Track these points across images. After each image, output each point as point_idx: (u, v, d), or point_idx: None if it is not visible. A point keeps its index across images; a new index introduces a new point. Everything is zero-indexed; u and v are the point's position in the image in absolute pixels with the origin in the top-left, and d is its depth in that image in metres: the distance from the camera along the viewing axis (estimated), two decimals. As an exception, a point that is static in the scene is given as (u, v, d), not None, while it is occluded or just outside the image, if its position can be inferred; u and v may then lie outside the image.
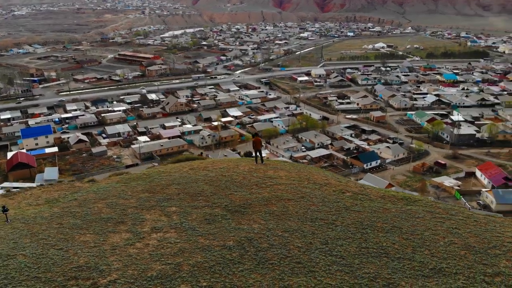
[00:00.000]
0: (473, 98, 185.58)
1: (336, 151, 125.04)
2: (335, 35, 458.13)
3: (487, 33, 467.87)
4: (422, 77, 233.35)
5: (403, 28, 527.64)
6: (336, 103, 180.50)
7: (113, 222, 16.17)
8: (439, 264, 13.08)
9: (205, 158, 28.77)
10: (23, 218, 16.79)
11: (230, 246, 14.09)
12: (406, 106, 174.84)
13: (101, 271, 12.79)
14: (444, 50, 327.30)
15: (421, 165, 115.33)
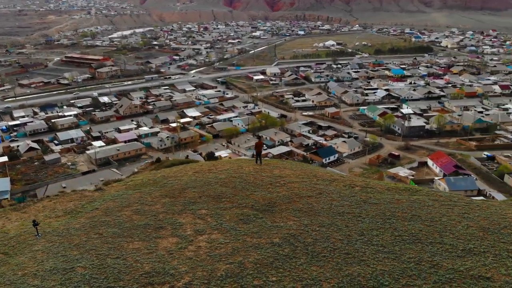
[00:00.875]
0: (420, 91, 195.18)
1: (296, 147, 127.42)
2: (287, 33, 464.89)
3: (430, 29, 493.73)
4: (372, 73, 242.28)
5: (351, 26, 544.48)
6: (293, 101, 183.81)
7: (152, 228, 16.18)
8: (467, 246, 14.37)
9: (193, 161, 28.66)
10: (54, 231, 16.42)
11: (278, 243, 14.67)
12: (358, 101, 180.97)
13: (172, 275, 13.03)
14: (391, 46, 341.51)
15: (376, 157, 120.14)
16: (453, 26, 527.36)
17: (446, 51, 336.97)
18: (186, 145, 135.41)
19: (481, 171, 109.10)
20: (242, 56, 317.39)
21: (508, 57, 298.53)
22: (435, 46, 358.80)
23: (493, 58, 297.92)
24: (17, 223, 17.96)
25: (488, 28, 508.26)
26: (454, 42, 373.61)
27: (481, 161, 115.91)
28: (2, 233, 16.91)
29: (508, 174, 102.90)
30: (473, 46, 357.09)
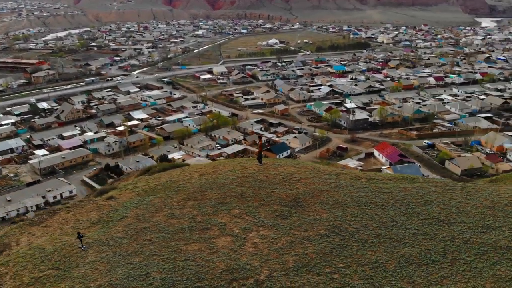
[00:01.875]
0: (362, 86, 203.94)
1: (249, 145, 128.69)
2: (230, 32, 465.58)
3: (366, 25, 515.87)
4: (315, 70, 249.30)
5: (292, 24, 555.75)
6: (242, 99, 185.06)
7: (199, 229, 16.37)
8: (484, 223, 16.03)
9: (183, 164, 28.44)
10: (98, 242, 16.18)
11: (326, 234, 15.56)
12: (305, 98, 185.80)
13: (250, 270, 13.64)
14: (331, 43, 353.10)
15: (326, 150, 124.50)
16: (387, 22, 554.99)
17: (382, 47, 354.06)
18: (136, 149, 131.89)
19: (423, 158, 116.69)
20: (186, 55, 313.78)
21: (440, 50, 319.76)
22: (372, 42, 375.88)
23: (426, 51, 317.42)
24: (45, 237, 17.41)
25: (419, 23, 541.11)
26: (389, 38, 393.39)
27: (423, 149, 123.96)
28: (38, 249, 16.35)
29: (448, 160, 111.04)
30: (407, 41, 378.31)
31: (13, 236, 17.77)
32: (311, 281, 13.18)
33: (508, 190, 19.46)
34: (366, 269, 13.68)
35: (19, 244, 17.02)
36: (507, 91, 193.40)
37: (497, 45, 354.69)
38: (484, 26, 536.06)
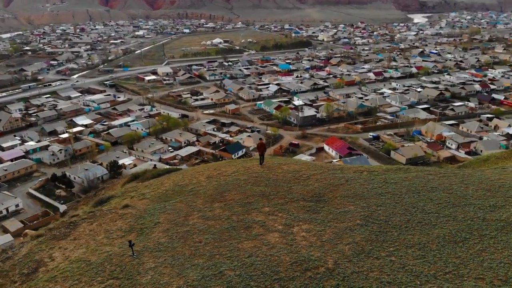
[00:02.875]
0: (307, 83, 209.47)
1: (203, 146, 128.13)
2: (172, 32, 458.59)
3: (306, 24, 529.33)
4: (261, 69, 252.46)
5: (234, 24, 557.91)
6: (192, 100, 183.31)
7: (242, 228, 16.76)
8: (490, 203, 17.80)
9: (176, 169, 28.11)
10: (146, 249, 16.11)
11: (363, 224, 16.68)
12: (254, 97, 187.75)
13: (316, 260, 14.47)
14: (275, 42, 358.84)
15: (279, 147, 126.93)
16: (326, 20, 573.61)
17: (323, 44, 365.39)
18: (83, 157, 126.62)
19: (370, 150, 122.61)
20: (128, 57, 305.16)
21: (377, 47, 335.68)
22: (313, 40, 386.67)
23: (365, 48, 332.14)
24: (82, 250, 16.83)
25: (356, 20, 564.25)
26: (329, 36, 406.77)
27: (368, 141, 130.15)
28: (83, 261, 15.85)
29: (393, 150, 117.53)
30: (346, 38, 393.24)
31: (41, 252, 17.18)
32: (375, 264, 14.23)
33: (494, 174, 21.46)
34: (415, 250, 14.97)
35: (54, 260, 16.48)
36: (441, 83, 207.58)
37: (429, 40, 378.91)
38: (416, 22, 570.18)
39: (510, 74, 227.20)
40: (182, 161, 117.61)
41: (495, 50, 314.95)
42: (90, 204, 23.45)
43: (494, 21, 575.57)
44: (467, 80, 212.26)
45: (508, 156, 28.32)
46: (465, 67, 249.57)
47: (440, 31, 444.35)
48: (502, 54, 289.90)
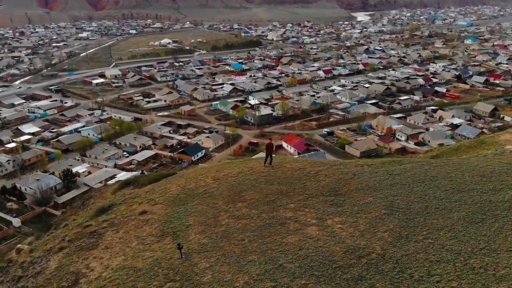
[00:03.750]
0: (261, 82, 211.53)
1: (160, 150, 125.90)
2: (117, 33, 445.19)
3: (255, 23, 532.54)
4: (214, 69, 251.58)
5: (182, 23, 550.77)
6: (144, 102, 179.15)
7: (278, 224, 17.24)
8: (490, 187, 19.45)
9: (171, 174, 27.60)
10: (193, 250, 16.31)
11: (389, 212, 17.80)
12: (209, 97, 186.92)
13: (364, 247, 15.46)
14: (225, 42, 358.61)
15: (239, 147, 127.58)
16: (274, 19, 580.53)
17: (273, 44, 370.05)
18: (33, 166, 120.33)
19: (326, 145, 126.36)
20: (73, 60, 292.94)
21: (325, 45, 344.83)
22: (263, 40, 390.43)
23: (313, 47, 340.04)
24: (121, 257, 16.46)
25: (303, 19, 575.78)
26: (278, 35, 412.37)
27: (324, 137, 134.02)
28: (129, 269, 15.67)
29: (348, 144, 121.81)
30: (294, 37, 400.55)
31: (75, 263, 16.58)
32: (418, 247, 15.44)
33: (479, 161, 23.26)
34: (445, 232, 16.28)
35: (93, 270, 16.12)
36: (387, 78, 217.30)
37: (373, 37, 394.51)
38: (360, 20, 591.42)
39: (450, 67, 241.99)
40: (139, 166, 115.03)
41: (435, 45, 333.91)
42: (89, 214, 22.70)
43: (433, 17, 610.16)
44: (411, 75, 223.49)
45: (476, 145, 30.64)
46: (408, 62, 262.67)
47: (383, 29, 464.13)
48: (441, 49, 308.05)
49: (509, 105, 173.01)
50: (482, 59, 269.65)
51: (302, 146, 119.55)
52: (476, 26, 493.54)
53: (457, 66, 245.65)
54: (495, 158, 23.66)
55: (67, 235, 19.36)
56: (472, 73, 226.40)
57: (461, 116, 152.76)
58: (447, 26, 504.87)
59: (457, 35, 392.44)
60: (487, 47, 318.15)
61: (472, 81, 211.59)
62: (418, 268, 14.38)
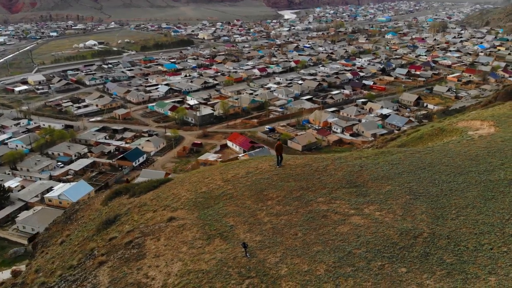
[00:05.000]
0: (197, 82, 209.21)
1: (98, 157, 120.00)
2: (37, 36, 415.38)
3: (183, 22, 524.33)
4: (146, 69, 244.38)
5: (107, 24, 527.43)
6: (74, 108, 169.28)
7: (320, 217, 18.20)
8: (483, 168, 21.32)
9: (167, 179, 26.45)
10: (254, 248, 16.50)
11: (414, 197, 19.13)
12: (144, 99, 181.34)
13: (413, 229, 16.66)
14: (154, 42, 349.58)
15: (183, 149, 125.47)
16: (203, 18, 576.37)
17: (205, 43, 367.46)
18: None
19: (269, 142, 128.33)
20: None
21: (256, 43, 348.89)
22: (194, 39, 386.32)
23: (245, 45, 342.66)
24: (180, 263, 16.43)
25: (231, 18, 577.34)
26: (209, 34, 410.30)
27: (266, 134, 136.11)
28: (198, 271, 15.80)
29: (290, 139, 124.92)
30: (226, 36, 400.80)
31: (130, 275, 16.18)
32: (456, 223, 16.94)
33: (458, 147, 25.26)
34: (471, 209, 18.00)
35: (154, 279, 15.85)
36: (318, 75, 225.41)
37: (301, 35, 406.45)
38: (287, 18, 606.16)
39: (374, 61, 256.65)
40: (76, 175, 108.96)
41: (359, 41, 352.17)
42: (92, 227, 21.36)
43: (354, 14, 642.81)
44: (340, 70, 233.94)
45: (437, 133, 32.92)
46: (336, 58, 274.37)
47: (310, 26, 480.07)
48: (365, 44, 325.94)
49: (431, 94, 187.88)
50: (403, 52, 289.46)
51: (247, 144, 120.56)
52: (395, 21, 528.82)
53: (381, 60, 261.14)
54: (469, 143, 25.87)
55: (96, 250, 18.52)
56: (395, 66, 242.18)
57: (389, 107, 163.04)
58: (368, 22, 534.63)
59: (378, 31, 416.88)
60: (406, 41, 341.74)
61: (396, 73, 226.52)
62: (468, 240, 15.92)
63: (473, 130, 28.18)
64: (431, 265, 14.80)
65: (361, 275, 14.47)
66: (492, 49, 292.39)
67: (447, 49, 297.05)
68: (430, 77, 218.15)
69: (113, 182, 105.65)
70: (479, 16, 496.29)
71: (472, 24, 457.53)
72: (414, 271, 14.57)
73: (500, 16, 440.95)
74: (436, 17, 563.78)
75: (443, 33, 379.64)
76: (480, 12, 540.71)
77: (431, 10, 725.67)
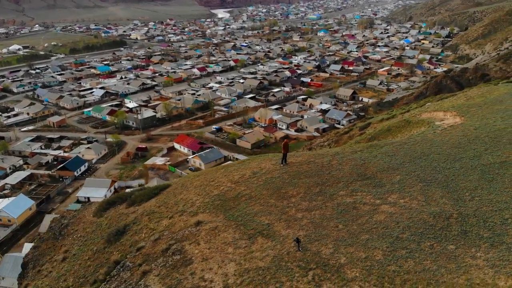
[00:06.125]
0: (135, 84, 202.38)
1: (35, 168, 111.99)
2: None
3: (114, 23, 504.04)
4: (78, 73, 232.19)
5: (31, 27, 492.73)
6: (3, 118, 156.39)
7: (351, 208, 19.10)
8: (470, 154, 22.96)
9: (165, 185, 24.88)
10: (304, 242, 16.71)
11: (426, 184, 20.80)
12: (79, 104, 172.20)
13: (442, 211, 17.90)
14: (85, 44, 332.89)
15: (127, 154, 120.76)
16: (133, 18, 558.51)
17: (138, 43, 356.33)
18: None
19: (218, 142, 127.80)
20: None
21: (193, 43, 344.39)
22: (127, 39, 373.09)
23: (181, 45, 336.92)
24: (231, 263, 16.63)
25: (163, 17, 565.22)
26: (142, 34, 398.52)
27: (214, 134, 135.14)
28: (257, 269, 16.10)
29: (238, 138, 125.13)
30: (160, 35, 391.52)
31: (185, 280, 16.15)
32: (475, 204, 18.40)
33: (435, 136, 26.73)
34: (481, 190, 19.48)
35: (213, 281, 15.97)
36: (258, 73, 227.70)
37: (237, 34, 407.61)
38: (221, 17, 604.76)
39: (310, 59, 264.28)
40: (14, 189, 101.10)
41: (293, 39, 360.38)
42: (99, 239, 19.96)
43: (286, 13, 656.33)
44: (278, 68, 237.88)
45: (404, 125, 34.76)
46: (273, 57, 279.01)
47: (244, 25, 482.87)
48: (299, 42, 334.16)
49: (365, 88, 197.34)
50: (335, 49, 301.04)
51: (195, 145, 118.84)
52: (325, 19, 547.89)
53: (315, 57, 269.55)
54: (445, 133, 27.55)
55: (128, 261, 17.88)
56: (329, 62, 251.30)
57: (328, 102, 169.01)
58: (300, 20, 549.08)
59: (310, 29, 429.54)
60: (337, 38, 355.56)
61: (331, 69, 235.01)
62: (493, 217, 17.42)
63: (439, 121, 30.16)
64: (473, 240, 16.18)
65: (417, 255, 15.51)
66: (417, 42, 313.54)
67: (375, 44, 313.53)
68: (363, 72, 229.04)
69: (55, 194, 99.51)
70: (403, 12, 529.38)
71: (396, 20, 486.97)
72: (462, 246, 15.85)
73: (422, 11, 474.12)
74: (363, 14, 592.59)
75: (371, 29, 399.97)
76: (403, 8, 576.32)
77: (357, 7, 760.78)
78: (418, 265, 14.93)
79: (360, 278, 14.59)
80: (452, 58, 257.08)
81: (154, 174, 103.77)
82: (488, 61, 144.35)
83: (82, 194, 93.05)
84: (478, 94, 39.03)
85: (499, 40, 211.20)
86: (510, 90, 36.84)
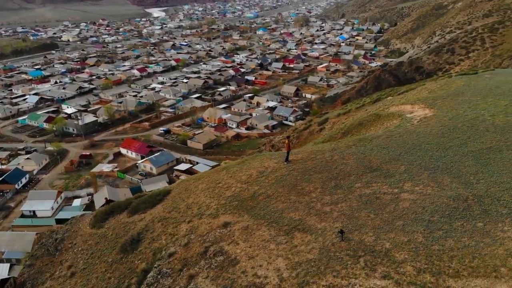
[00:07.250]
0: (71, 88, 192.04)
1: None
2: None
3: (42, 25, 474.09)
4: (8, 79, 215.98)
5: None
6: None
7: (374, 198, 19.73)
8: (457, 142, 24.66)
9: (165, 190, 23.28)
10: (346, 233, 17.53)
11: (432, 171, 21.57)
12: (12, 112, 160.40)
13: (459, 195, 18.99)
14: (12, 48, 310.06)
15: (70, 163, 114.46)
16: (63, 19, 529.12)
17: (71, 45, 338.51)
18: None
19: (167, 144, 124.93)
20: None
21: (129, 43, 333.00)
22: (58, 42, 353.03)
23: (117, 45, 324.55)
24: (279, 259, 16.86)
25: (95, 18, 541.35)
26: (74, 35, 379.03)
27: (162, 136, 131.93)
28: (310, 261, 16.44)
29: (189, 139, 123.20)
30: (93, 36, 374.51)
31: (238, 279, 16.24)
32: (483, 185, 19.54)
33: (416, 128, 27.91)
34: (483, 173, 20.94)
35: (267, 277, 16.20)
36: (201, 72, 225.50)
37: (175, 33, 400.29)
38: (156, 16, 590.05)
39: (251, 57, 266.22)
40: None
41: (233, 38, 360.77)
42: (113, 249, 18.68)
43: (223, 11, 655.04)
44: (222, 67, 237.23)
45: (374, 118, 35.97)
46: (215, 56, 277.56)
47: (182, 24, 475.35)
48: (240, 41, 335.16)
49: (306, 85, 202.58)
50: (275, 47, 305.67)
51: (144, 149, 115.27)
52: (262, 17, 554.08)
53: (257, 56, 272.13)
54: (423, 124, 29.00)
55: (164, 268, 17.55)
56: (271, 60, 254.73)
57: (273, 99, 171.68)
58: (238, 18, 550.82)
59: (249, 27, 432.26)
60: (276, 36, 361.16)
61: (273, 67, 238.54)
62: (504, 196, 18.73)
63: (409, 113, 31.75)
64: (495, 217, 17.41)
65: (454, 234, 16.48)
66: (351, 39, 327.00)
67: (313, 41, 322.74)
68: (303, 69, 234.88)
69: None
70: (335, 9, 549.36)
71: (330, 17, 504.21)
72: (489, 223, 17.00)
73: (354, 8, 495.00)
74: (298, 12, 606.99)
75: (307, 27, 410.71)
76: (336, 6, 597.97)
77: (292, 5, 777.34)
78: (458, 242, 15.93)
79: (410, 259, 15.34)
80: (385, 52, 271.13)
81: (102, 182, 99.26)
82: (421, 55, 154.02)
83: (27, 207, 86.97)
84: (437, 87, 41.38)
85: (427, 33, 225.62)
86: (466, 82, 39.82)
